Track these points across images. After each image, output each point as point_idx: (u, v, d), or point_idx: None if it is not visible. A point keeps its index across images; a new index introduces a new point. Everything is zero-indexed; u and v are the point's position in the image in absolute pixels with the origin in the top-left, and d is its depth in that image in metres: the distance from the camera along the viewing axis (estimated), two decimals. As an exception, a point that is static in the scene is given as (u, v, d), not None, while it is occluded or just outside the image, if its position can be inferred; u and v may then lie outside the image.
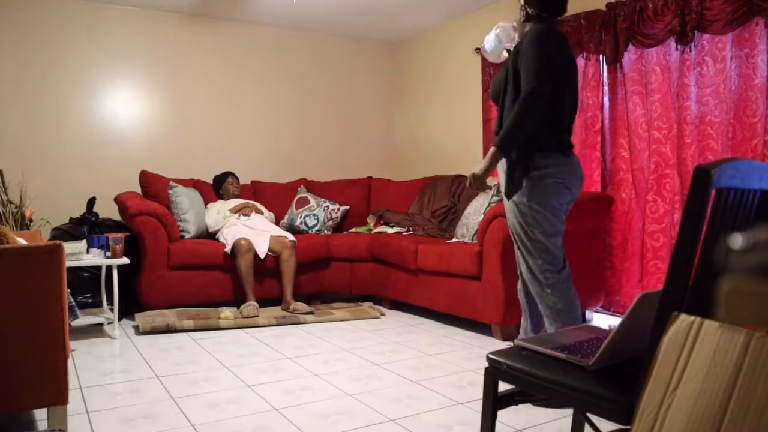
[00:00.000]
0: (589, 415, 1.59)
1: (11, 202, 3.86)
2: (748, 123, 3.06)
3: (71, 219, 4.01)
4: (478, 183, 2.45)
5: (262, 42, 5.20)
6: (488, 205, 3.66)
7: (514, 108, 2.31)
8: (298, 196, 4.83)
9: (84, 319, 3.39)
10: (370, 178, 5.32)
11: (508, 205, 2.50)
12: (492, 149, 2.39)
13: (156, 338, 3.40)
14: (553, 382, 1.32)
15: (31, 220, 3.86)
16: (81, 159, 4.49)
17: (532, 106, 2.27)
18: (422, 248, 3.83)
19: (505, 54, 2.81)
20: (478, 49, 4.65)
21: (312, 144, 5.45)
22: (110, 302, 3.70)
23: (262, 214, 4.46)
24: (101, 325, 3.60)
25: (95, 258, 3.38)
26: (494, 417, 1.49)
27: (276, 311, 3.91)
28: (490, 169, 2.40)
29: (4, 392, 1.80)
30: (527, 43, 2.36)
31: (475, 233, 3.66)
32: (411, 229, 4.45)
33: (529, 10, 2.47)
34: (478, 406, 1.96)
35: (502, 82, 2.49)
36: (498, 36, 2.80)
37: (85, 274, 3.77)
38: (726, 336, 0.80)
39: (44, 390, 1.86)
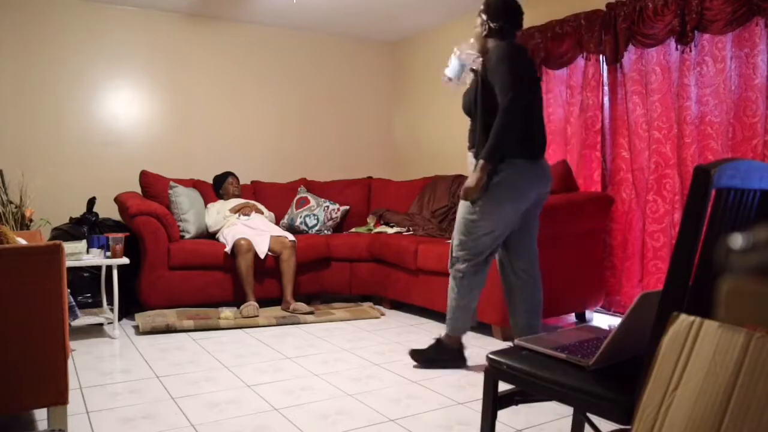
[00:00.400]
0: (589, 415, 1.59)
1: (11, 202, 3.86)
2: (748, 123, 3.06)
3: (71, 219, 4.01)
4: (473, 194, 2.60)
5: (262, 42, 5.20)
6: (488, 205, 3.66)
7: (497, 120, 2.47)
8: (298, 196, 4.83)
9: (84, 319, 3.39)
10: (370, 178, 5.32)
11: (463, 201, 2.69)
12: (480, 162, 2.53)
13: (156, 338, 3.40)
14: (553, 382, 1.32)
15: (31, 220, 3.86)
16: (81, 159, 4.49)
17: (513, 116, 2.45)
18: (422, 248, 3.83)
19: (470, 77, 2.90)
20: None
21: (312, 144, 5.45)
22: (110, 302, 3.70)
23: (262, 214, 4.46)
24: (101, 325, 3.60)
25: (95, 258, 3.38)
26: (494, 417, 1.49)
27: (276, 311, 3.91)
28: (482, 179, 2.55)
29: (4, 392, 1.80)
30: (497, 59, 2.54)
31: (475, 233, 3.66)
32: (411, 229, 4.45)
33: (492, 24, 2.64)
34: (478, 406, 1.96)
35: (473, 96, 2.67)
36: (460, 59, 2.92)
37: (85, 274, 3.77)
38: (726, 336, 0.80)
39: (44, 390, 1.86)
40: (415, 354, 2.86)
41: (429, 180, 4.86)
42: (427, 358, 2.84)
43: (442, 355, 2.82)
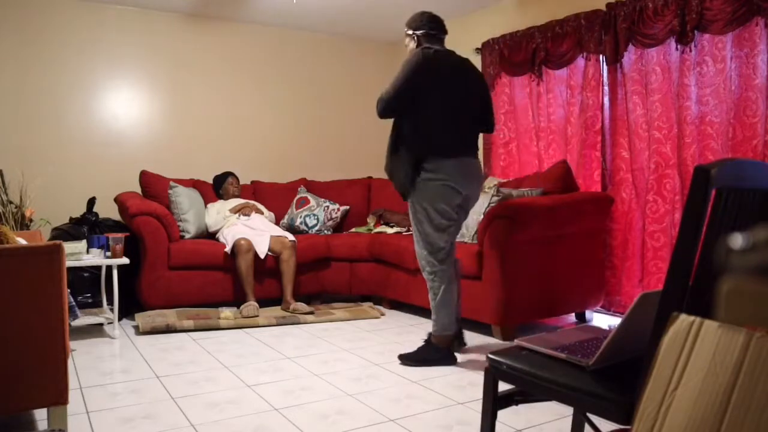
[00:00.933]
0: (589, 415, 1.59)
1: (11, 202, 3.85)
2: (748, 123, 3.06)
3: (71, 219, 4.01)
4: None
5: (262, 42, 5.20)
6: (488, 205, 3.66)
7: (381, 97, 2.87)
8: (298, 196, 4.83)
9: (84, 319, 3.39)
10: (370, 178, 5.31)
11: (409, 204, 2.91)
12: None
13: (156, 338, 3.40)
14: (553, 382, 1.32)
15: (31, 220, 3.86)
16: (81, 159, 4.48)
17: (381, 109, 2.90)
18: (422, 248, 3.82)
19: None
20: (478, 49, 4.65)
21: (312, 144, 5.45)
22: (110, 302, 3.70)
23: (262, 214, 4.46)
24: (101, 325, 3.60)
25: (95, 258, 3.38)
26: (494, 417, 1.49)
27: (276, 311, 3.91)
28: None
29: (4, 392, 1.80)
30: (404, 62, 2.81)
31: (475, 233, 3.66)
32: (411, 229, 4.45)
33: (419, 32, 2.91)
34: (478, 406, 1.96)
35: None
36: None
37: (85, 274, 3.77)
38: (726, 336, 0.80)
39: (44, 390, 1.86)
40: (404, 357, 2.93)
41: (429, 180, 4.85)
42: (420, 358, 2.89)
43: (432, 354, 2.89)
